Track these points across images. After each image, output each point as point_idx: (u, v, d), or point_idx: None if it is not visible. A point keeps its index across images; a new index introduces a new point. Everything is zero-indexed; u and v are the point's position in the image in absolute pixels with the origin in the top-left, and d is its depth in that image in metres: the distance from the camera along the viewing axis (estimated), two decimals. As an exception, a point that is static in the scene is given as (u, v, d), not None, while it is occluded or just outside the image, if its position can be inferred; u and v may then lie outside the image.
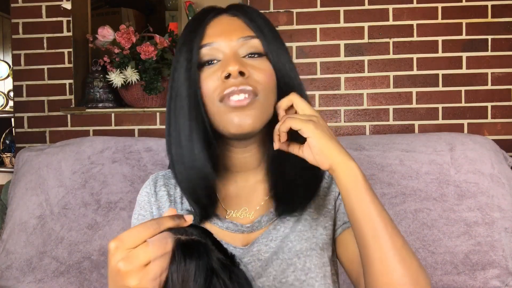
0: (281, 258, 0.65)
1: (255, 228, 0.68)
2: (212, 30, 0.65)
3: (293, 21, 1.68)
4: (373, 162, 1.36)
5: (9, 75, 2.67)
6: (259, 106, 0.62)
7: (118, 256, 0.42)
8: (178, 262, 0.43)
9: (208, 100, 0.63)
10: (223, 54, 0.64)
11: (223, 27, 0.65)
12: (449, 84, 1.64)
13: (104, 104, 1.71)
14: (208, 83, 0.63)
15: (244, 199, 0.71)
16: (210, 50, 0.64)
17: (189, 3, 1.73)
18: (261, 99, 0.63)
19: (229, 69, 0.60)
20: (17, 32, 1.75)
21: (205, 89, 0.63)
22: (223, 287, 0.45)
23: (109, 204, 1.38)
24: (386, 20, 1.65)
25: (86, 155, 1.46)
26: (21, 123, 1.75)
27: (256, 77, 0.63)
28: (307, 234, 0.67)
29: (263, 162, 0.71)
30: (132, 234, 0.43)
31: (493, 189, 1.31)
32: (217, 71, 0.63)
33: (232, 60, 0.61)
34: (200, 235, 0.47)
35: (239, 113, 0.61)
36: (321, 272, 0.65)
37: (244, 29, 0.65)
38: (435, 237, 1.26)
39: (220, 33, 0.64)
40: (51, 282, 1.30)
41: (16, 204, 1.41)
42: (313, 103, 1.68)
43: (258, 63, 0.64)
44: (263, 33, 0.66)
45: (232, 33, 0.64)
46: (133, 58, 1.62)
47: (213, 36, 0.64)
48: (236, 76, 0.61)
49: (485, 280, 1.22)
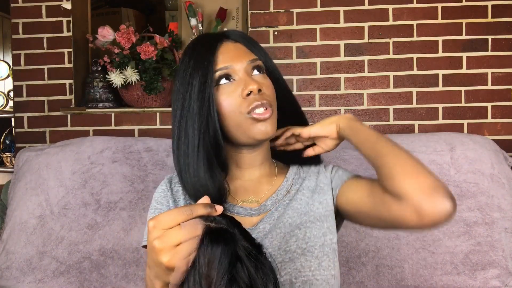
0: (283, 231, 0.76)
1: (261, 211, 0.79)
2: (223, 56, 0.76)
3: (293, 21, 1.68)
4: (373, 162, 1.36)
5: (9, 75, 2.67)
6: (274, 115, 0.77)
7: (155, 234, 0.50)
8: (205, 246, 0.49)
9: (232, 113, 0.74)
10: (238, 75, 0.76)
11: (233, 53, 0.77)
12: (449, 84, 1.64)
13: (104, 104, 1.71)
14: (231, 100, 0.74)
15: (252, 191, 0.82)
16: (226, 71, 0.75)
17: (189, 3, 1.73)
18: (274, 109, 0.77)
19: (250, 88, 0.73)
20: (17, 32, 1.75)
21: (226, 104, 0.74)
22: (246, 273, 0.50)
23: (109, 204, 1.38)
24: (386, 20, 1.65)
25: (86, 155, 1.46)
26: (21, 123, 1.75)
27: (267, 92, 0.76)
28: (304, 209, 0.79)
29: (267, 159, 0.85)
30: (168, 216, 0.51)
31: (493, 189, 1.31)
32: (237, 89, 0.75)
33: (251, 81, 0.74)
34: (229, 224, 0.53)
35: (265, 123, 0.74)
36: (320, 241, 0.75)
37: (248, 53, 0.78)
38: (435, 237, 1.26)
39: (232, 58, 0.76)
40: (51, 282, 1.30)
41: (16, 204, 1.41)
42: (313, 103, 1.68)
43: (265, 80, 0.78)
44: (259, 53, 0.81)
45: (242, 57, 0.77)
46: (133, 58, 1.62)
47: (227, 60, 0.76)
48: (256, 93, 0.74)
49: (485, 280, 1.22)
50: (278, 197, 0.81)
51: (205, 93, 0.74)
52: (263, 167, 0.84)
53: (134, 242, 1.32)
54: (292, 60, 1.68)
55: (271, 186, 0.83)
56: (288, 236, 0.76)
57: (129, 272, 1.30)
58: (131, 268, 1.30)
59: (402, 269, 1.25)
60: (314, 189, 0.83)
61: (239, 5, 1.85)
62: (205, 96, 0.73)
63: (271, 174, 0.85)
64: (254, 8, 1.69)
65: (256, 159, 0.83)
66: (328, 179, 0.84)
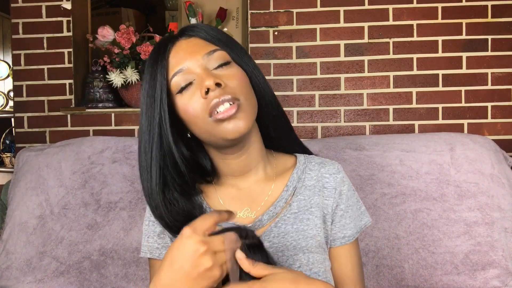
0: (286, 254, 0.69)
1: (256, 227, 0.71)
2: (175, 58, 0.68)
3: (293, 21, 1.68)
4: (373, 162, 1.36)
5: (9, 75, 2.67)
6: (244, 107, 0.66)
7: (196, 238, 0.52)
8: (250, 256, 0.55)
9: (198, 120, 0.67)
10: (195, 74, 0.67)
11: (185, 51, 0.69)
12: (449, 84, 1.64)
13: (104, 104, 1.71)
14: (192, 105, 0.66)
15: (246, 200, 0.74)
16: (181, 75, 0.67)
17: (189, 3, 1.73)
18: (243, 101, 0.66)
19: (206, 84, 0.64)
20: (17, 32, 1.75)
21: (191, 112, 0.67)
22: None
23: (109, 204, 1.38)
24: (386, 20, 1.65)
25: (86, 155, 1.46)
26: (21, 123, 1.75)
27: (232, 84, 0.66)
28: (311, 232, 0.71)
29: (261, 161, 0.76)
30: (202, 221, 0.54)
31: (493, 189, 1.31)
32: (196, 91, 0.66)
33: (206, 76, 0.65)
34: (259, 240, 0.59)
35: (231, 121, 0.65)
36: (323, 267, 0.69)
37: (204, 45, 0.69)
38: (435, 237, 1.26)
39: (184, 57, 0.68)
40: (51, 282, 1.30)
41: (16, 204, 1.41)
42: (313, 103, 1.68)
43: (228, 71, 0.68)
44: (222, 42, 0.71)
45: (195, 53, 0.68)
46: (133, 58, 1.62)
47: (179, 63, 0.68)
48: (214, 89, 0.64)
49: (485, 280, 1.22)
50: (276, 210, 0.72)
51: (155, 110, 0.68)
52: (257, 171, 0.75)
53: (134, 242, 1.32)
54: (292, 60, 1.68)
55: (268, 196, 0.74)
56: (291, 260, 0.69)
57: (129, 272, 1.30)
58: (131, 268, 1.30)
59: (402, 269, 1.25)
60: (320, 209, 0.74)
61: (239, 5, 1.85)
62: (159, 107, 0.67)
63: (269, 178, 0.76)
64: (254, 8, 1.69)
65: (246, 164, 0.73)
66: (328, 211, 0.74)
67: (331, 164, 0.79)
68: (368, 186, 1.32)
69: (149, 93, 0.68)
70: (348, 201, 0.76)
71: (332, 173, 0.77)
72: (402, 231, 1.27)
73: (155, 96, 0.67)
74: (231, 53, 0.71)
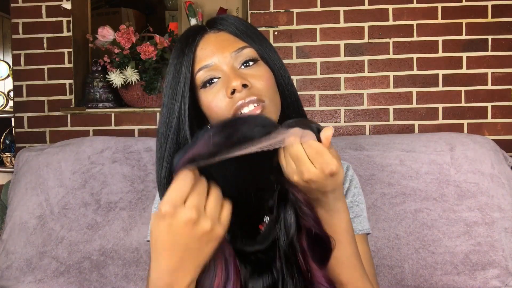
0: None
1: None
2: (203, 52, 0.67)
3: (293, 21, 1.68)
4: (373, 162, 1.36)
5: (9, 75, 2.67)
6: (269, 109, 0.66)
7: (180, 212, 0.47)
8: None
9: (220, 117, 0.66)
10: (222, 71, 0.66)
11: (214, 46, 0.67)
12: (449, 84, 1.64)
13: (104, 104, 1.71)
14: (217, 103, 0.66)
15: None
16: (208, 71, 0.66)
17: (189, 3, 1.73)
18: (268, 103, 0.66)
19: (233, 85, 0.63)
20: (17, 32, 1.75)
21: (214, 109, 0.66)
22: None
23: (109, 204, 1.38)
24: (386, 20, 1.65)
25: (86, 155, 1.46)
26: (21, 123, 1.75)
27: (258, 85, 0.66)
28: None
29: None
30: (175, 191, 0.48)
31: (493, 189, 1.31)
32: (221, 89, 0.66)
33: (233, 76, 0.64)
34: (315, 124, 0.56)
35: None
36: None
37: (233, 41, 0.68)
38: (435, 237, 1.26)
39: (212, 52, 0.67)
40: (51, 282, 1.30)
41: (16, 204, 1.41)
42: (313, 103, 1.68)
43: (255, 70, 0.67)
44: (251, 38, 0.69)
45: (224, 49, 0.67)
46: (133, 58, 1.62)
47: (207, 57, 0.67)
48: (241, 90, 0.64)
49: (485, 280, 1.22)
50: None
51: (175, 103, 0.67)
52: None
53: (134, 242, 1.32)
54: (292, 60, 1.68)
55: None
56: None
57: (129, 272, 1.30)
58: (131, 268, 1.30)
59: (402, 269, 1.25)
60: None
61: (239, 5, 1.85)
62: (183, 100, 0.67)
63: None
64: (254, 8, 1.69)
65: None
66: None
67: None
68: (368, 186, 1.32)
69: (172, 85, 0.68)
70: (354, 197, 0.79)
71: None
72: (402, 231, 1.27)
73: (177, 89, 0.67)
74: (260, 49, 0.70)
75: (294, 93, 0.75)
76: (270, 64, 0.70)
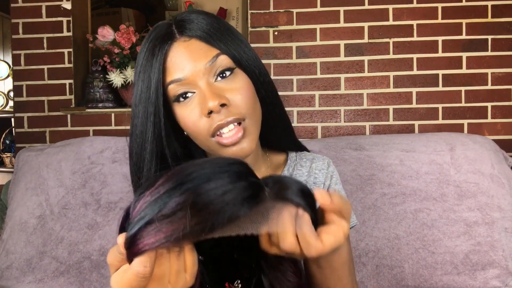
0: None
1: None
2: (173, 65, 0.61)
3: (293, 21, 1.68)
4: (373, 162, 1.36)
5: (9, 75, 2.67)
6: (249, 128, 0.63)
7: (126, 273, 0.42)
8: None
9: (199, 136, 0.63)
10: (196, 87, 0.61)
11: (184, 57, 0.61)
12: (449, 84, 1.64)
13: (104, 104, 1.71)
14: (194, 122, 0.62)
15: None
16: (180, 85, 0.61)
17: (189, 3, 1.73)
18: (248, 120, 0.62)
19: (209, 106, 0.59)
20: (17, 32, 1.75)
21: (191, 127, 0.62)
22: None
23: (109, 204, 1.38)
24: (386, 20, 1.65)
25: (86, 155, 1.46)
26: (21, 123, 1.75)
27: (237, 100, 0.61)
28: None
29: (257, 161, 0.73)
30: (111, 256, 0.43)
31: (493, 189, 1.31)
32: (196, 107, 0.61)
33: (210, 95, 0.59)
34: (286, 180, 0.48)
35: (236, 146, 0.61)
36: None
37: (206, 50, 0.62)
38: (435, 237, 1.26)
39: (183, 65, 0.61)
40: (51, 282, 1.30)
41: (16, 204, 1.41)
42: (313, 103, 1.68)
43: (232, 82, 0.62)
44: (222, 42, 0.63)
45: (196, 61, 0.61)
46: (133, 58, 1.62)
47: (177, 70, 0.61)
48: (219, 110, 0.59)
49: (485, 280, 1.22)
50: None
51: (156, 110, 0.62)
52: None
53: (134, 242, 1.32)
54: (292, 60, 1.68)
55: None
56: None
57: (129, 272, 1.30)
58: (131, 268, 1.30)
59: (402, 269, 1.25)
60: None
61: (239, 5, 1.85)
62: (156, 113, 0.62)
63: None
64: (254, 8, 1.69)
65: None
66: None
67: (321, 160, 0.79)
68: (368, 186, 1.32)
69: (143, 102, 0.63)
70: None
71: (321, 169, 0.78)
72: (402, 231, 1.27)
73: (149, 109, 0.62)
74: (234, 53, 0.63)
75: (274, 91, 0.70)
76: (248, 70, 0.65)
